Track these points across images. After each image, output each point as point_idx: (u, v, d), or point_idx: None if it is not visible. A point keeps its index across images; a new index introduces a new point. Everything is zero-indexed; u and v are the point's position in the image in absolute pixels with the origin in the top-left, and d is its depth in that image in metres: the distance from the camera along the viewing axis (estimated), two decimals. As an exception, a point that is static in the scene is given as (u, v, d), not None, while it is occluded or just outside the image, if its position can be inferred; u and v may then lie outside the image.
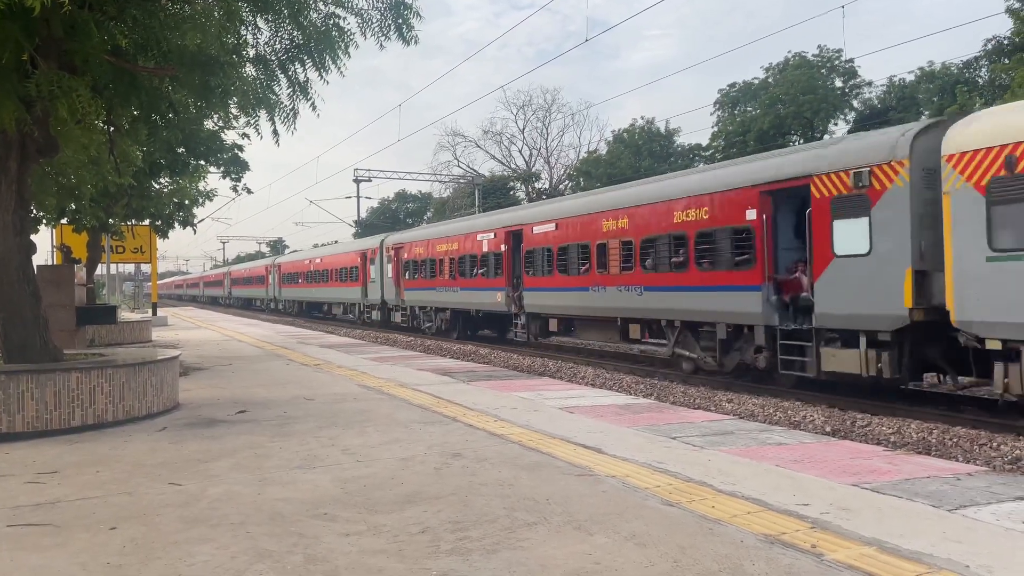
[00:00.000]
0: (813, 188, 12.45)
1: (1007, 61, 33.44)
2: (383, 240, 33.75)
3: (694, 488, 5.32)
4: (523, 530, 4.44)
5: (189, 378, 12.20)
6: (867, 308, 11.56)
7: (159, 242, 29.59)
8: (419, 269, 29.26)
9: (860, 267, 11.69)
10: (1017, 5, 30.84)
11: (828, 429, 10.59)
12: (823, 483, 5.46)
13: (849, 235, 11.89)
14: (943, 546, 4.06)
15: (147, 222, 22.51)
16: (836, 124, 44.11)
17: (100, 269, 26.06)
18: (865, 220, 11.61)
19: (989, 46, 36.88)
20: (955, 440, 9.67)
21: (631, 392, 13.86)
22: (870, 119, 38.56)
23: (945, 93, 37.51)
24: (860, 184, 11.64)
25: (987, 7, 56.86)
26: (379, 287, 33.24)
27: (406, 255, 30.62)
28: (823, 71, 44.08)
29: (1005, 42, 35.08)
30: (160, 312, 36.14)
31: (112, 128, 9.91)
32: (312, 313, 46.23)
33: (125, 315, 27.49)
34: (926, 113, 36.71)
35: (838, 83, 44.60)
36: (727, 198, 14.28)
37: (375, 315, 34.14)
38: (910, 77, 42.69)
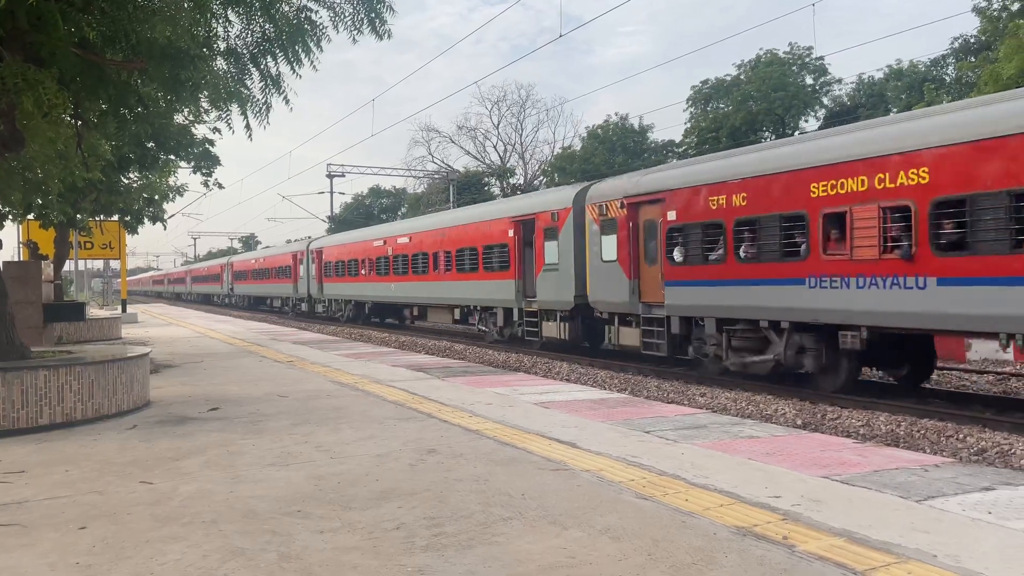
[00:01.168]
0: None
1: (973, 59, 34.02)
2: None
3: (668, 481, 5.36)
4: (498, 525, 4.45)
5: (160, 375, 12.06)
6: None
7: (128, 238, 29.21)
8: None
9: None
10: (983, 4, 31.38)
11: (799, 422, 10.72)
12: (794, 475, 5.52)
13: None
14: (911, 536, 4.14)
15: (116, 218, 22.15)
16: (807, 121, 44.65)
17: (68, 265, 25.66)
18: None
19: (956, 44, 37.52)
20: (923, 432, 9.83)
21: (606, 387, 13.92)
22: (840, 116, 39.00)
23: (913, 91, 38.04)
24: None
25: (954, 6, 57.80)
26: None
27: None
28: (794, 68, 44.55)
29: (972, 40, 35.71)
30: (130, 309, 35.66)
31: (80, 122, 9.74)
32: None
33: (94, 312, 27.08)
34: (895, 110, 37.20)
35: (809, 80, 45.10)
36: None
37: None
38: (879, 75, 43.31)
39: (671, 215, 14.83)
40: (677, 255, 14.60)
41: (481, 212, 24.13)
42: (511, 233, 21.07)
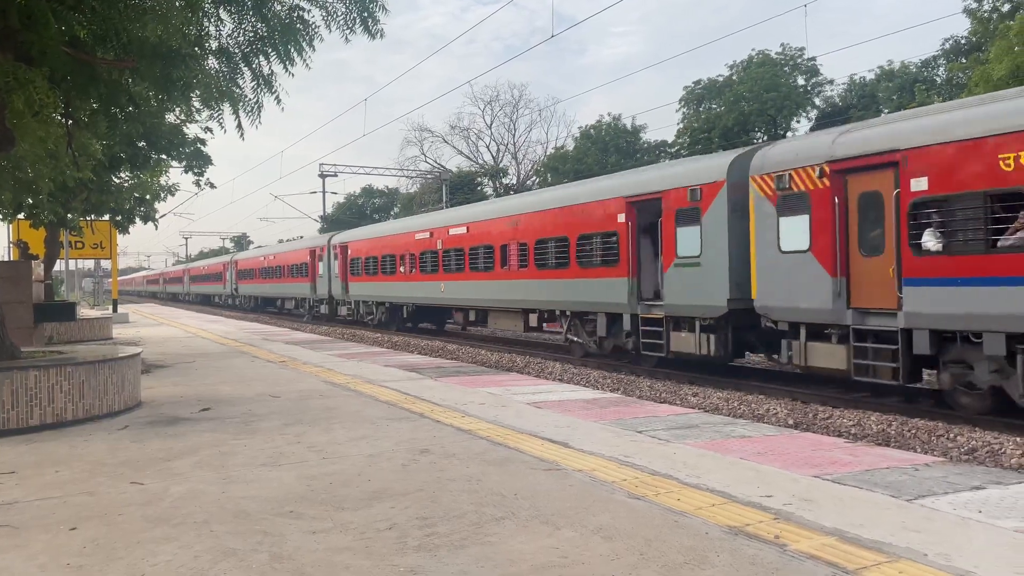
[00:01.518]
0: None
1: (964, 60, 34.21)
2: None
3: (660, 481, 5.37)
4: (491, 525, 4.45)
5: (151, 376, 12.01)
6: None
7: (119, 238, 29.08)
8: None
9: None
10: (974, 6, 31.54)
11: (791, 422, 10.75)
12: (786, 475, 5.54)
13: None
14: (902, 535, 4.15)
15: (107, 217, 22.06)
16: (799, 122, 44.83)
17: (59, 265, 25.50)
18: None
19: (947, 46, 37.74)
20: (913, 432, 9.88)
21: (598, 387, 13.93)
22: (831, 117, 39.17)
23: (904, 92, 38.26)
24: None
25: (945, 7, 58.09)
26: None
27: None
28: (786, 69, 44.69)
29: (962, 42, 35.91)
30: (121, 308, 35.52)
31: (70, 121, 9.70)
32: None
33: (85, 312, 26.95)
34: (886, 110, 37.36)
35: (800, 81, 45.25)
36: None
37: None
38: (870, 76, 43.52)
39: (918, 184, 10.47)
40: (930, 241, 10.34)
41: (576, 192, 18.83)
42: (622, 218, 16.38)
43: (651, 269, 16.08)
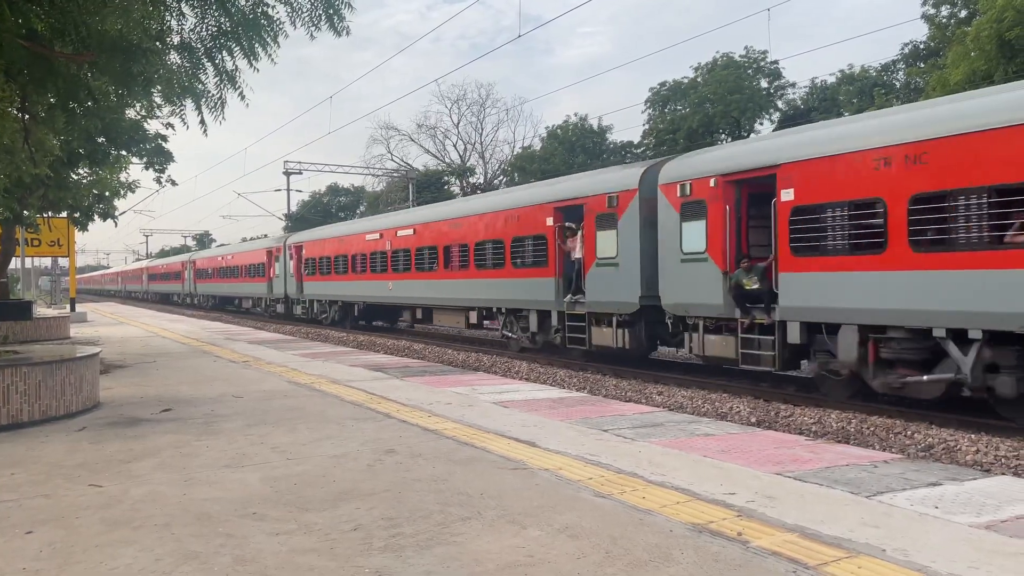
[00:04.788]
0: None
1: (922, 65, 34.95)
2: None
3: (625, 479, 5.40)
4: (457, 525, 4.44)
5: (110, 376, 11.80)
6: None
7: (78, 235, 28.48)
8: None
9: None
10: (932, 12, 32.23)
11: (753, 420, 10.89)
12: (749, 472, 5.61)
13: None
14: (861, 531, 4.23)
15: (65, 214, 21.58)
16: (762, 123, 45.43)
17: (14, 263, 24.91)
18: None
19: (906, 50, 38.51)
20: (872, 429, 10.07)
21: (564, 386, 13.99)
22: (794, 119, 39.73)
23: (864, 95, 38.96)
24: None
25: (904, 13, 59.33)
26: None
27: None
28: (750, 72, 45.26)
29: (921, 47, 36.67)
30: (79, 308, 34.80)
31: (27, 116, 9.48)
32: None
33: (41, 311, 26.36)
34: (846, 113, 38.01)
35: (764, 84, 45.87)
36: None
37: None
38: (831, 79, 44.22)
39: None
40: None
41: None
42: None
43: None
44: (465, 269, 21.15)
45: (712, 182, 13.33)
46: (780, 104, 46.03)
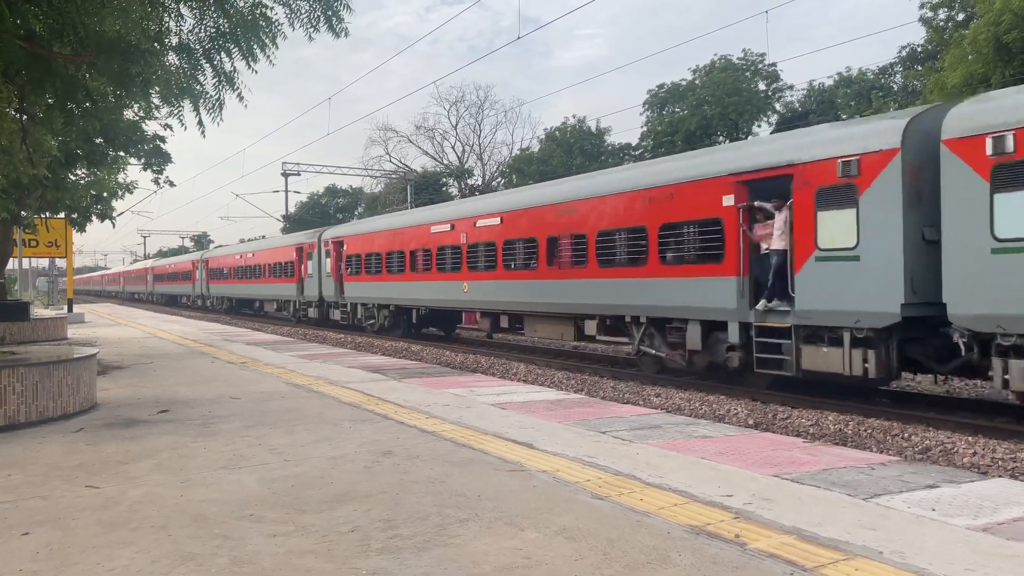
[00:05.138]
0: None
1: (919, 68, 35.00)
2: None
3: (623, 481, 5.40)
4: (454, 527, 4.44)
5: (108, 377, 11.78)
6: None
7: (76, 236, 28.42)
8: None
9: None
10: (930, 15, 32.28)
11: (751, 422, 10.90)
12: (746, 474, 5.62)
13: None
14: (858, 533, 4.24)
15: (63, 215, 21.57)
16: (759, 126, 45.46)
17: (12, 263, 24.88)
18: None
19: (903, 53, 38.57)
20: (870, 431, 10.07)
21: (562, 388, 13.98)
22: (791, 122, 39.79)
23: (861, 98, 38.99)
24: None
25: (902, 16, 59.50)
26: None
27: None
28: (747, 74, 45.30)
29: (918, 50, 36.72)
30: (77, 308, 34.76)
31: (25, 116, 9.47)
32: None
33: (39, 311, 26.33)
34: (843, 116, 38.07)
35: (761, 86, 45.91)
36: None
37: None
38: (829, 82, 44.28)
39: None
40: None
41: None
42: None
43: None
44: (581, 266, 16.44)
45: None
46: (778, 106, 46.09)
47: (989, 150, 9.50)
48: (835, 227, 11.30)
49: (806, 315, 11.61)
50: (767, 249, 12.45)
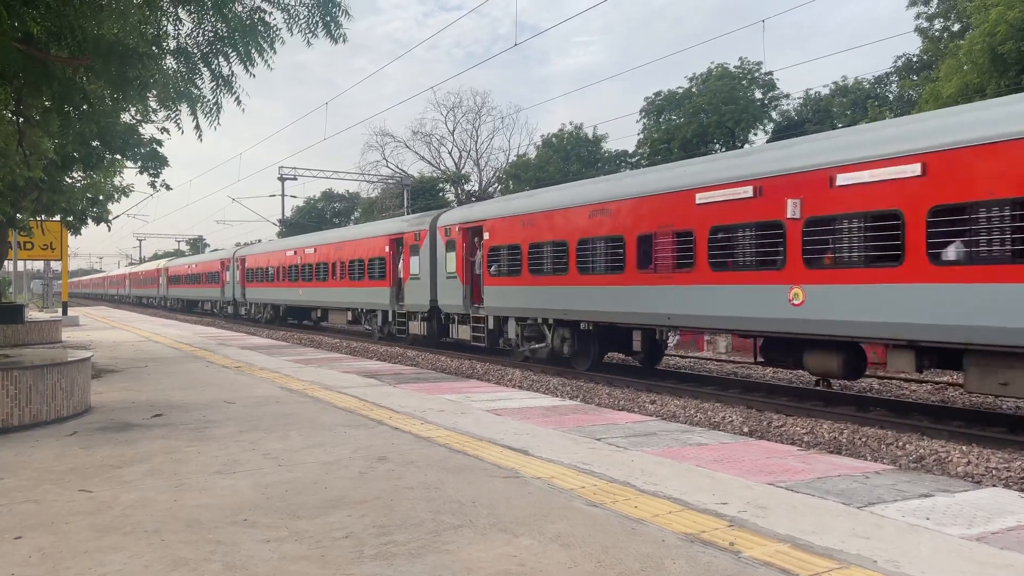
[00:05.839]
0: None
1: (915, 78, 35.16)
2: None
3: (618, 488, 5.40)
4: (449, 533, 4.43)
5: (102, 380, 11.74)
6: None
7: (71, 239, 28.39)
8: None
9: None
10: (925, 25, 32.45)
11: (746, 430, 10.91)
12: (741, 482, 5.62)
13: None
14: (853, 542, 4.24)
15: (58, 218, 21.53)
16: (756, 134, 45.55)
17: (7, 266, 24.81)
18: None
19: (899, 63, 38.75)
20: (864, 440, 10.09)
21: (557, 394, 13.98)
22: (788, 130, 39.89)
23: (857, 107, 39.16)
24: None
25: (898, 26, 59.74)
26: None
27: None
28: (744, 82, 45.43)
29: (914, 60, 36.89)
30: (71, 312, 34.65)
31: (21, 119, 9.46)
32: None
33: (33, 314, 26.25)
34: (840, 125, 38.18)
35: (758, 95, 46.03)
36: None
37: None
38: (825, 91, 44.45)
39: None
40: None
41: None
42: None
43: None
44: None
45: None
46: (774, 115, 46.21)
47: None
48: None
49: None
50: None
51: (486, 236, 20.10)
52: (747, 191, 12.48)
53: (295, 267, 34.09)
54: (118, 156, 17.41)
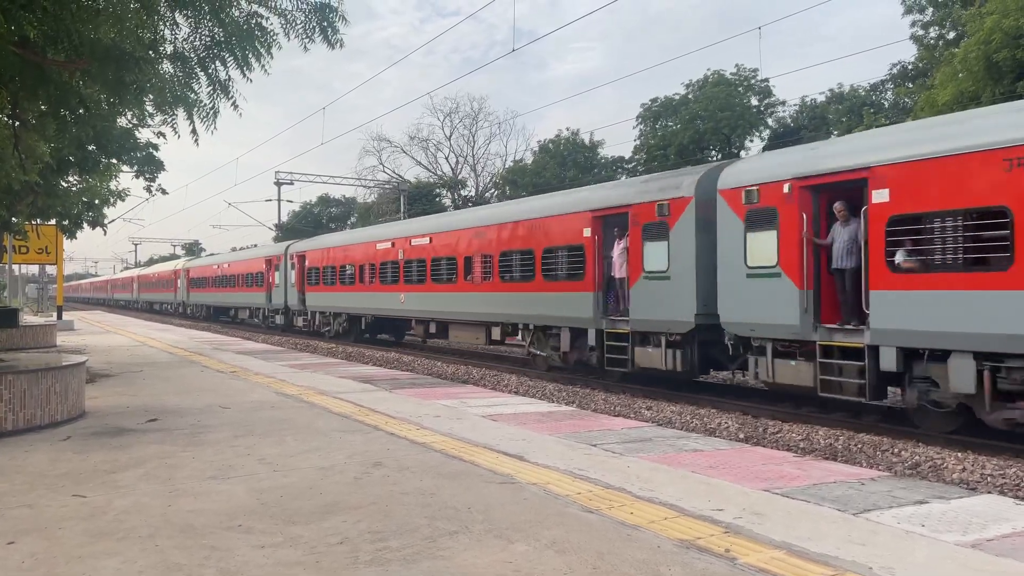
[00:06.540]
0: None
1: (910, 85, 35.30)
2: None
3: (614, 494, 5.39)
4: (444, 539, 4.42)
5: (96, 385, 11.71)
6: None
7: (66, 243, 28.35)
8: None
9: None
10: (921, 33, 32.59)
11: (742, 436, 10.90)
12: (737, 488, 5.61)
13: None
14: (848, 549, 4.24)
15: (54, 222, 21.52)
16: (752, 141, 45.72)
17: (2, 270, 24.76)
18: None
19: (895, 70, 38.90)
20: (860, 446, 10.09)
21: (553, 399, 13.96)
22: (784, 137, 40.03)
23: (853, 114, 39.27)
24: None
25: (893, 34, 59.98)
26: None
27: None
28: (740, 89, 45.57)
29: (909, 67, 37.03)
30: (66, 316, 34.58)
31: (17, 122, 9.45)
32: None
33: (28, 318, 26.20)
34: (835, 132, 38.31)
35: (754, 101, 46.18)
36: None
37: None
38: (821, 98, 44.60)
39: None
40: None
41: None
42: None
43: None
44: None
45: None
46: (771, 122, 46.36)
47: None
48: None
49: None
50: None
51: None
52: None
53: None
54: (114, 160, 17.42)
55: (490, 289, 18.85)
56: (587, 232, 15.93)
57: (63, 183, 18.08)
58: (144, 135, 16.61)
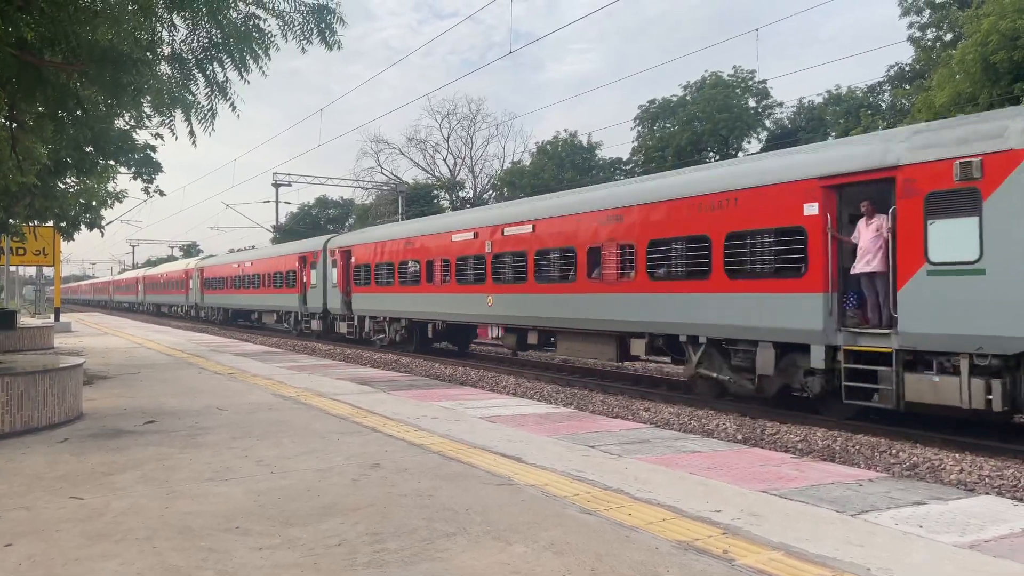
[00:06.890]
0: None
1: (908, 87, 35.36)
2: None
3: (612, 496, 5.39)
4: (442, 541, 4.42)
5: (94, 387, 11.69)
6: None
7: (63, 244, 28.33)
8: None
9: None
10: (918, 35, 32.66)
11: (740, 437, 10.91)
12: (735, 490, 5.62)
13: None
14: (846, 550, 4.24)
15: (51, 223, 21.49)
16: (750, 142, 45.75)
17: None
18: None
19: (892, 72, 38.98)
20: (857, 447, 10.09)
21: (551, 401, 13.96)
22: (781, 138, 40.08)
23: (850, 116, 39.32)
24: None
25: (891, 35, 60.18)
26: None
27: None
28: (738, 91, 45.62)
29: (907, 69, 37.12)
30: (64, 318, 34.54)
31: (15, 124, 9.44)
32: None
33: (25, 320, 26.17)
34: (833, 134, 38.37)
35: (751, 103, 46.22)
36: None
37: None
38: (818, 99, 44.66)
39: None
40: None
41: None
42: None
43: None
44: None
45: None
46: (768, 123, 46.41)
47: None
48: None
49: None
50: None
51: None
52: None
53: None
54: (112, 162, 17.39)
55: (631, 289, 14.57)
56: (811, 208, 11.52)
57: (60, 185, 18.05)
58: (142, 136, 16.60)
